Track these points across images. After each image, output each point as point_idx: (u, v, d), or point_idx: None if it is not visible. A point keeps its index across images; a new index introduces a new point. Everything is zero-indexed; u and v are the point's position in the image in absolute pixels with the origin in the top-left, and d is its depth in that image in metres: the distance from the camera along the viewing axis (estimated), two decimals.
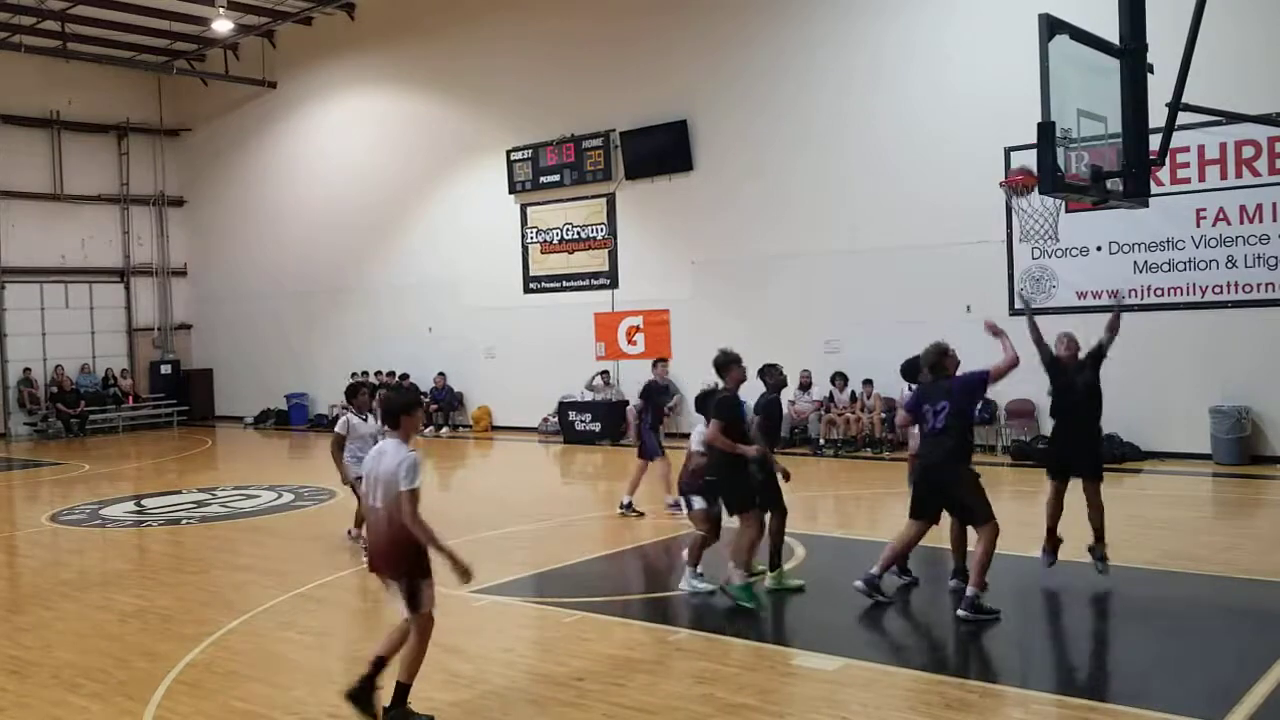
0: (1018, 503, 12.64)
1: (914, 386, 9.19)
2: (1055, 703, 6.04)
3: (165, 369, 28.09)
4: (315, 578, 9.64)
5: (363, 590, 9.40)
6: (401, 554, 5.85)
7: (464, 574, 5.85)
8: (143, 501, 15.01)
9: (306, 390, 25.77)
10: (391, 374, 23.80)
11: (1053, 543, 8.73)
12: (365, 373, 24.25)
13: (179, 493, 15.49)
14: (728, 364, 8.37)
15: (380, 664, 5.91)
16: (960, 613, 7.54)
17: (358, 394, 10.98)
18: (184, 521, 13.08)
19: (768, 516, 8.48)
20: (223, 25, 23.32)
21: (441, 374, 22.90)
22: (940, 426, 7.93)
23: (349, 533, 10.90)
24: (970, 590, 7.57)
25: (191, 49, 26.33)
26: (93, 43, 24.98)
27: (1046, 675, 6.85)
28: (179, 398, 27.72)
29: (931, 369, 8.34)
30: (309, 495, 14.66)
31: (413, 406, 6.16)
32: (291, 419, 25.69)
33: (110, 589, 9.64)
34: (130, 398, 26.85)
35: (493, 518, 12.31)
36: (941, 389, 8.13)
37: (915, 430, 8.49)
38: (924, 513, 8.02)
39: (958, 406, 7.97)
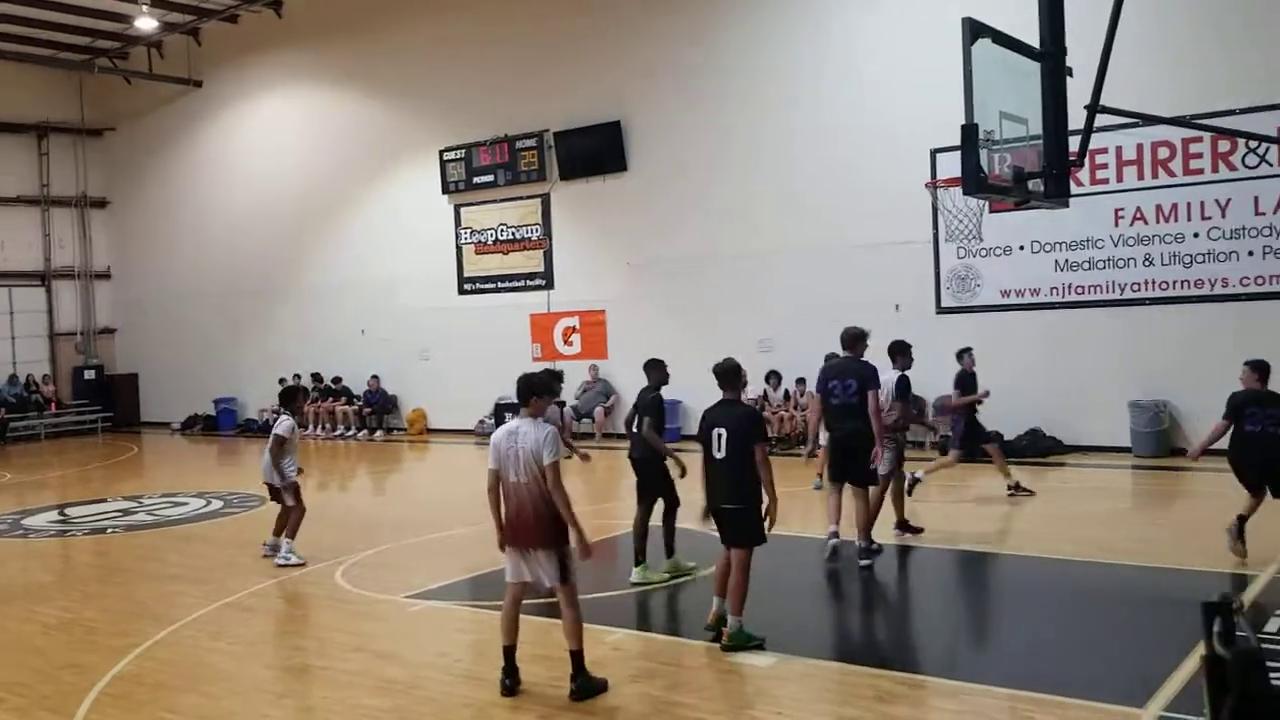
0: (944, 496, 12.86)
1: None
2: (983, 693, 6.16)
3: (89, 374, 27.44)
4: (245, 586, 9.51)
5: (294, 598, 9.30)
6: (549, 525, 6.34)
7: (585, 549, 6.38)
8: (66, 511, 14.67)
9: (235, 395, 25.37)
10: (320, 377, 23.55)
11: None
12: (298, 376, 23.97)
13: (104, 501, 15.17)
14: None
15: (576, 656, 6.37)
16: (861, 562, 9.04)
17: (296, 399, 10.86)
18: (109, 531, 12.81)
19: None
20: (146, 23, 22.90)
21: (375, 376, 22.68)
22: (851, 402, 9.08)
23: (281, 539, 10.54)
24: (860, 542, 9.11)
25: (114, 47, 25.80)
26: (12, 40, 24.34)
27: (975, 666, 6.99)
28: (103, 404, 27.11)
29: (849, 346, 9.28)
30: (238, 502, 14.45)
31: (547, 387, 6.69)
32: (220, 424, 25.26)
33: (33, 601, 9.43)
34: (52, 404, 26.21)
35: (428, 521, 12.23)
36: (852, 368, 9.18)
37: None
38: (844, 475, 9.25)
39: (864, 385, 9.04)
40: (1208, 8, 14.27)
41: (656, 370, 9.23)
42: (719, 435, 7.09)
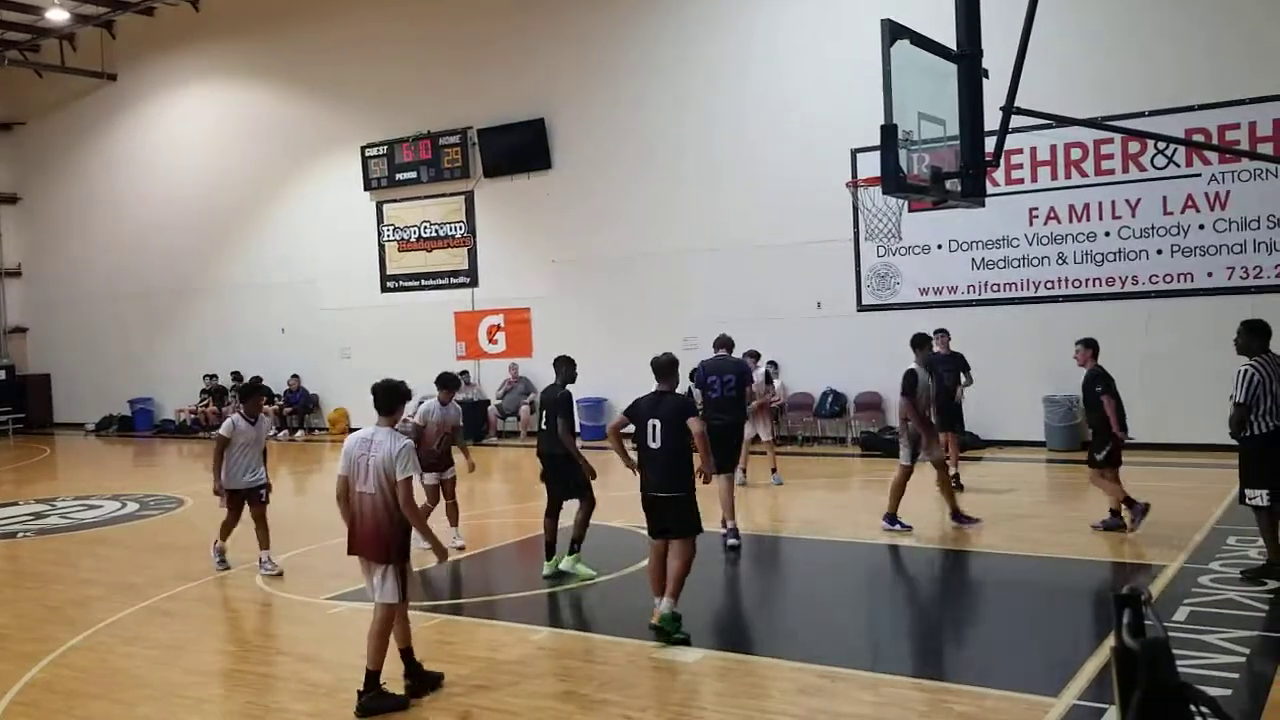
0: (865, 491, 13.06)
1: None
2: (905, 684, 6.28)
3: None
4: (162, 590, 9.31)
5: (212, 601, 9.13)
6: (389, 540, 6.18)
7: (442, 554, 6.53)
8: None
9: (151, 395, 24.81)
10: (241, 376, 23.14)
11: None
12: (214, 376, 23.55)
13: (15, 504, 14.72)
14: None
15: (407, 654, 6.45)
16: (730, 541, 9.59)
17: (252, 395, 9.93)
18: (20, 535, 12.44)
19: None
20: (58, 15, 22.28)
21: (295, 376, 22.35)
22: (731, 396, 9.99)
23: (215, 544, 10.06)
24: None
25: (25, 39, 25.06)
26: None
27: (895, 658, 7.11)
28: (14, 405, 26.32)
29: (725, 346, 10.65)
30: (155, 504, 14.14)
31: (408, 394, 6.66)
32: (136, 425, 24.70)
33: None
34: None
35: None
36: (730, 364, 10.25)
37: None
38: (728, 465, 9.82)
39: (742, 380, 10.01)
40: (1120, 13, 14.66)
41: (566, 367, 9.22)
42: (654, 426, 7.19)
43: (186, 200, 24.13)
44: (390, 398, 6.40)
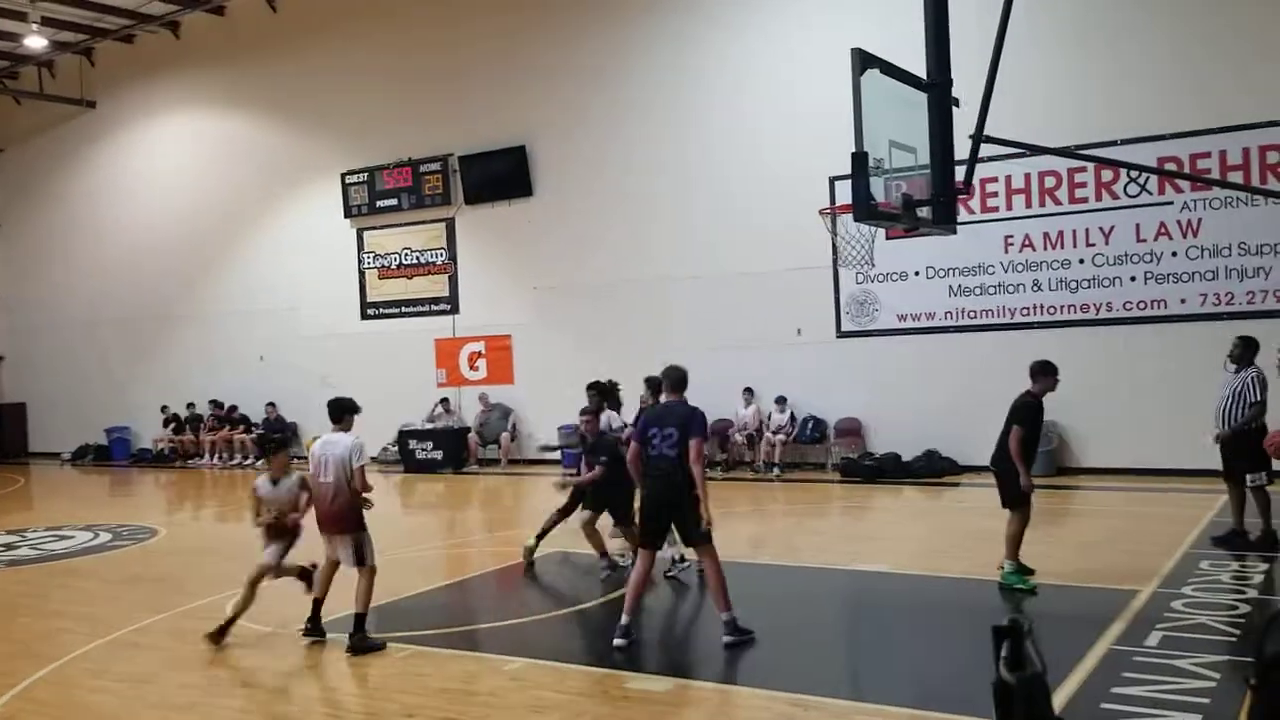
0: (844, 517, 13.06)
1: None
2: (875, 712, 6.24)
3: None
4: (132, 622, 9.20)
5: (182, 633, 9.02)
6: (347, 514, 8.05)
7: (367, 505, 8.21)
8: None
9: (129, 424, 24.63)
10: (221, 405, 23.04)
11: None
12: (192, 405, 23.45)
13: None
14: None
15: (318, 605, 8.21)
16: (725, 639, 7.55)
17: (276, 452, 8.95)
18: None
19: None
20: (36, 42, 22.26)
21: (272, 404, 22.22)
22: (668, 455, 7.65)
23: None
24: (725, 615, 7.63)
25: (3, 66, 25.02)
26: None
27: (870, 686, 7.07)
28: None
29: (675, 389, 8.00)
30: (128, 535, 14.00)
31: (356, 408, 8.37)
32: (113, 454, 24.50)
33: None
34: None
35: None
36: (674, 414, 7.78)
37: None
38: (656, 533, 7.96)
39: (684, 435, 7.61)
40: (1091, 42, 14.83)
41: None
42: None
43: (166, 227, 24.07)
44: (339, 410, 8.31)
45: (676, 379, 7.96)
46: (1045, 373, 9.33)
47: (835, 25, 15.77)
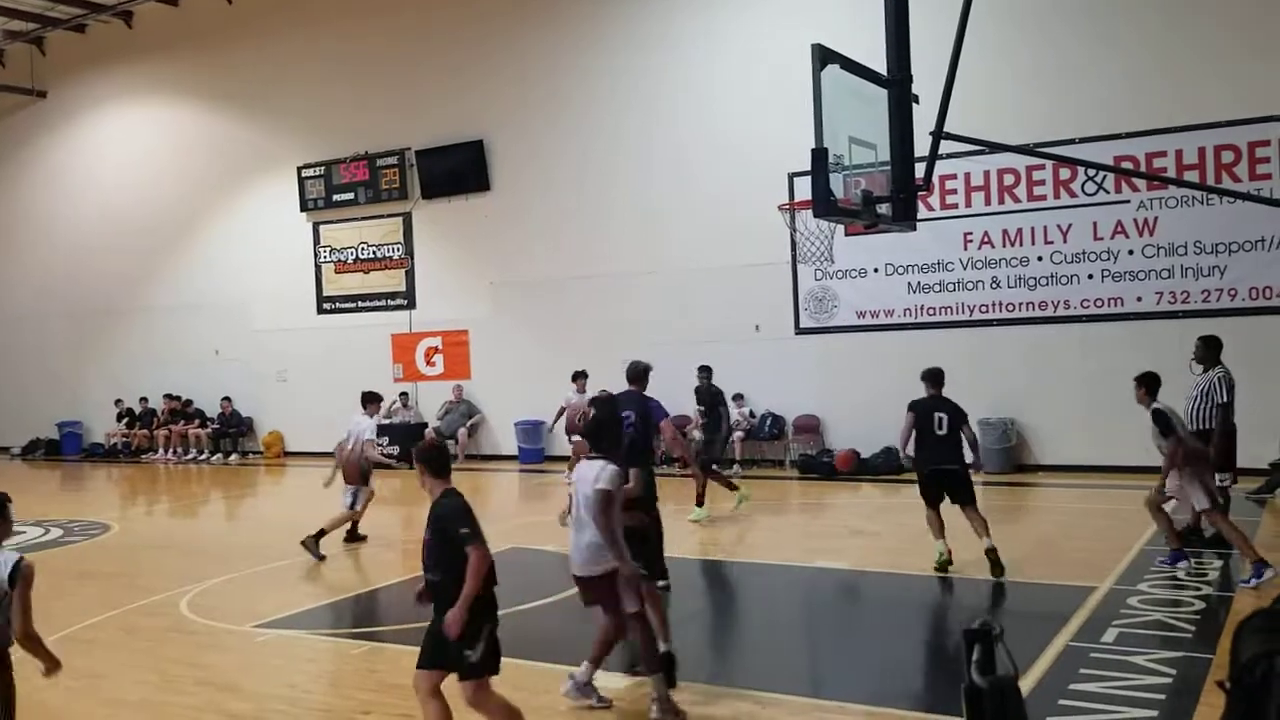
0: (803, 514, 13.09)
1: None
2: (835, 709, 6.24)
3: None
4: (85, 618, 9.03)
5: (135, 629, 8.87)
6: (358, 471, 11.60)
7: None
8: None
9: (80, 418, 24.22)
10: (176, 398, 22.72)
11: None
12: (144, 399, 23.11)
13: None
14: None
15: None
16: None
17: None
18: None
19: None
20: None
21: (227, 399, 21.95)
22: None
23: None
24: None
25: None
26: None
27: (828, 683, 7.07)
28: None
29: (637, 381, 9.02)
30: (80, 530, 13.76)
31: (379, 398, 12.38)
32: (64, 448, 24.09)
33: None
34: None
35: (283, 547, 11.81)
36: (634, 399, 8.71)
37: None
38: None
39: (643, 419, 8.60)
40: (1050, 41, 14.95)
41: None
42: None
43: (118, 220, 23.67)
44: (368, 399, 12.03)
45: (633, 373, 8.86)
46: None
47: (796, 20, 15.78)
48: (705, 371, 13.97)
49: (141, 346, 23.57)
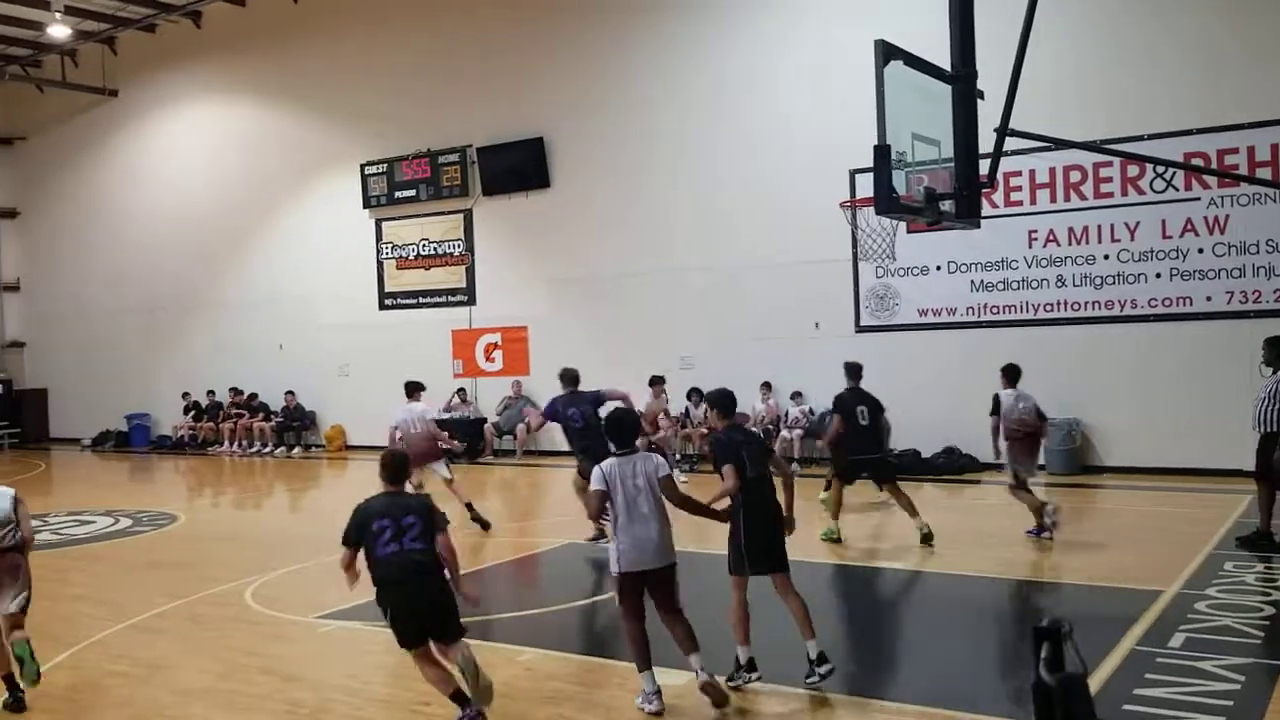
0: (862, 514, 12.95)
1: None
2: (894, 710, 6.19)
3: None
4: (150, 607, 9.24)
5: (201, 619, 9.05)
6: (426, 453, 12.16)
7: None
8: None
9: (149, 410, 24.75)
10: (241, 392, 23.11)
11: None
12: (212, 392, 23.55)
13: None
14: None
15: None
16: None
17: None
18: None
19: None
20: (59, 31, 22.31)
21: (290, 393, 22.29)
22: (581, 426, 10.80)
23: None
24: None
25: (27, 54, 25.12)
26: None
27: (884, 684, 7.01)
28: (10, 420, 26.28)
29: (575, 383, 11.24)
30: (148, 520, 14.07)
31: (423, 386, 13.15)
32: (132, 440, 24.64)
33: None
34: None
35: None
36: (584, 397, 11.00)
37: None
38: None
39: (594, 410, 10.62)
40: (1117, 35, 14.67)
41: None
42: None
43: (185, 217, 24.15)
44: (415, 387, 12.79)
45: (571, 377, 11.19)
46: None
47: (858, 17, 15.65)
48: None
49: (208, 341, 24.02)
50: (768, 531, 6.68)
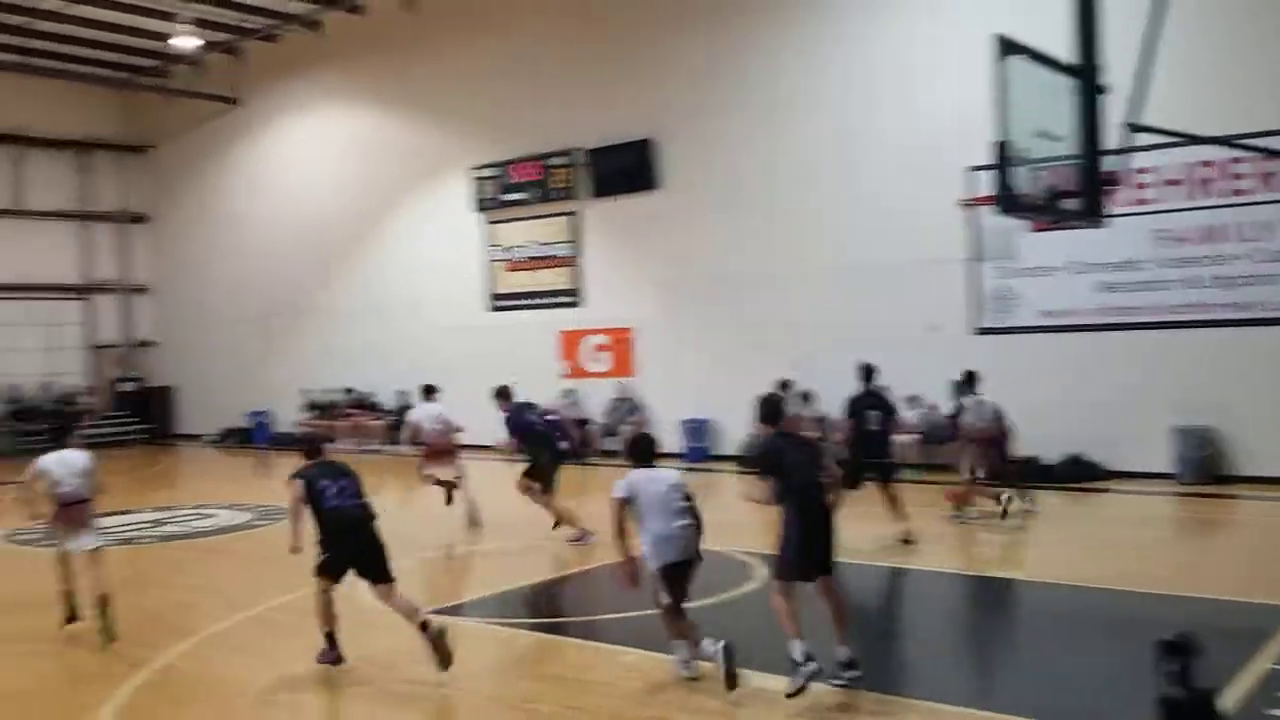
0: (978, 522, 12.61)
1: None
2: None
3: (127, 386, 27.76)
4: (267, 600, 9.46)
5: (313, 612, 9.22)
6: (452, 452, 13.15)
7: None
8: (98, 521, 14.69)
9: (268, 408, 25.50)
10: (353, 391, 23.64)
11: None
12: (328, 390, 24.11)
13: (135, 512, 15.21)
14: None
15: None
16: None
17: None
18: (138, 541, 12.83)
19: None
20: (186, 42, 23.13)
21: (402, 392, 22.70)
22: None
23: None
24: None
25: (155, 65, 26.15)
26: (56, 58, 24.74)
27: (1005, 696, 6.78)
28: (141, 415, 27.38)
29: (509, 398, 12.61)
30: (267, 515, 14.45)
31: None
32: (254, 436, 25.42)
33: (55, 610, 9.42)
34: (90, 415, 26.44)
35: (451, 538, 12.16)
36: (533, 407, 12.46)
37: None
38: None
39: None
40: (1251, 26, 14.00)
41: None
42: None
43: (304, 221, 24.83)
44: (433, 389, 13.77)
45: (506, 392, 12.83)
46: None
47: (974, 9, 15.25)
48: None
49: (325, 341, 24.63)
50: (815, 538, 6.67)
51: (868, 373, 11.34)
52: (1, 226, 25.93)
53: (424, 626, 6.97)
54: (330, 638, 7.28)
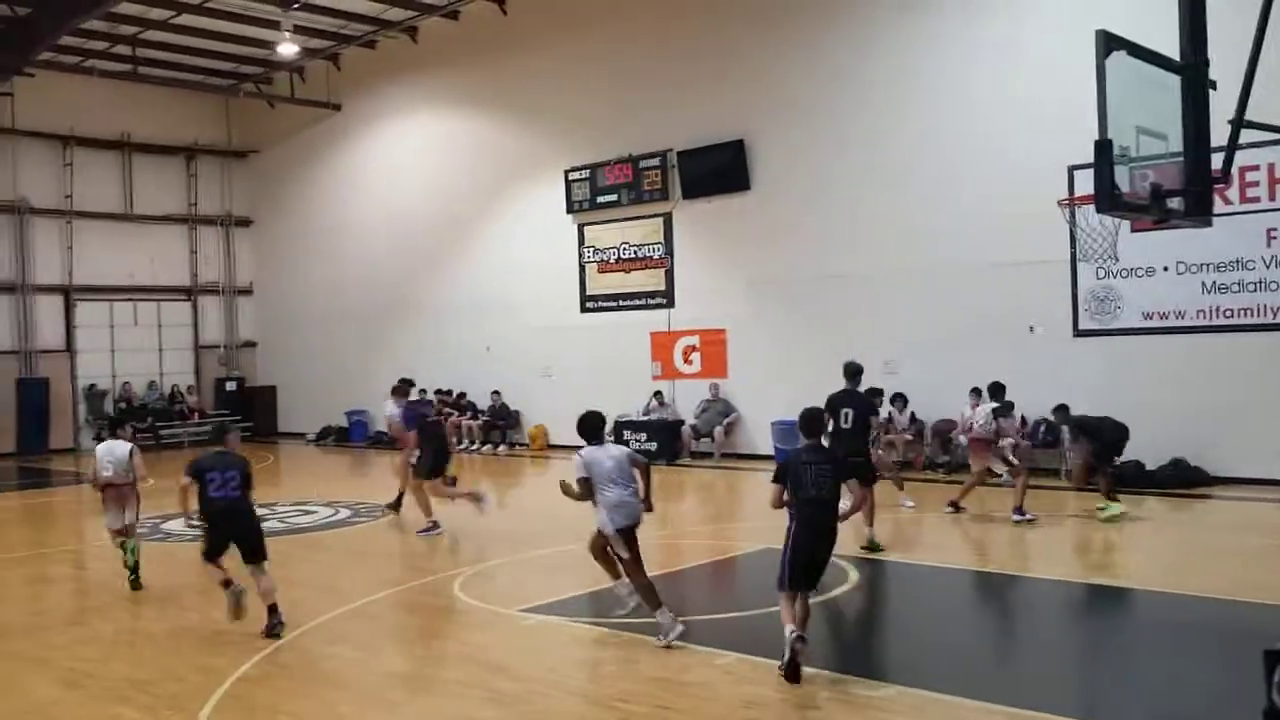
0: (1079, 527, 12.32)
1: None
2: None
3: (230, 385, 28.63)
4: (366, 594, 9.70)
5: (412, 607, 9.44)
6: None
7: None
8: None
9: (366, 408, 26.04)
10: (449, 392, 24.01)
11: None
12: (423, 390, 24.49)
13: None
14: None
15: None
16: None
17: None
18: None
19: None
20: (288, 49, 23.76)
21: (497, 392, 23.03)
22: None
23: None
24: None
25: (259, 72, 26.91)
26: (162, 66, 25.61)
27: (1108, 706, 6.65)
28: (243, 414, 28.16)
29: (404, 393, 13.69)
30: (365, 512, 14.79)
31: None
32: (352, 436, 26.00)
33: (167, 603, 9.80)
34: (196, 414, 27.35)
35: (544, 536, 12.29)
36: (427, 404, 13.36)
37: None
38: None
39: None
40: None
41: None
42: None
43: (401, 224, 25.33)
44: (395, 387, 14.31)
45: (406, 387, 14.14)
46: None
47: (1076, 6, 14.93)
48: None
49: (420, 342, 25.08)
50: (811, 552, 7.09)
51: (852, 371, 11.53)
52: (112, 230, 26.98)
53: (272, 610, 8.25)
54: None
